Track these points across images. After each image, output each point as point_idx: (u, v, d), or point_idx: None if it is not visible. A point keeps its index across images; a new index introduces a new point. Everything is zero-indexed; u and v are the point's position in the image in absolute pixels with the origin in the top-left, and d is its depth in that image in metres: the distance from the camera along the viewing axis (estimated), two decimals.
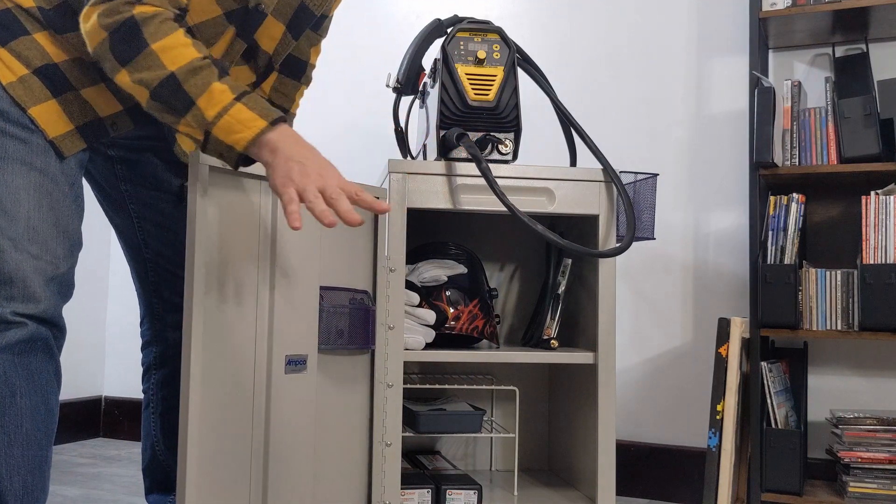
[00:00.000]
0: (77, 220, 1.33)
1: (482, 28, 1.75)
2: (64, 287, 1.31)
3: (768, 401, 1.96)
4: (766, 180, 2.05)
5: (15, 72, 1.27)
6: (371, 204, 1.19)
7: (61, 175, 1.30)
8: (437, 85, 1.74)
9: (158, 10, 1.20)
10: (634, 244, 2.35)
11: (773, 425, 1.95)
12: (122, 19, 1.18)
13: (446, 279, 1.78)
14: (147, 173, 1.53)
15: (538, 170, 1.74)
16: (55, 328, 1.30)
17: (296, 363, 1.41)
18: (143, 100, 1.20)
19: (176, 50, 1.18)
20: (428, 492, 1.71)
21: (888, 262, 1.89)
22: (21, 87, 1.27)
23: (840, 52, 2.16)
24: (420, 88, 1.91)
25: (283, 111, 1.68)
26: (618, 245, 1.66)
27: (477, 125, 1.73)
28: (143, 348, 1.64)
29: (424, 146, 1.87)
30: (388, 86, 1.90)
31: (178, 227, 1.56)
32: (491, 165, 1.71)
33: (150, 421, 1.63)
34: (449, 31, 1.77)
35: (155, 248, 1.55)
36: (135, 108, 1.38)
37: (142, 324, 1.64)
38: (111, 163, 1.52)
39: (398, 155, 2.65)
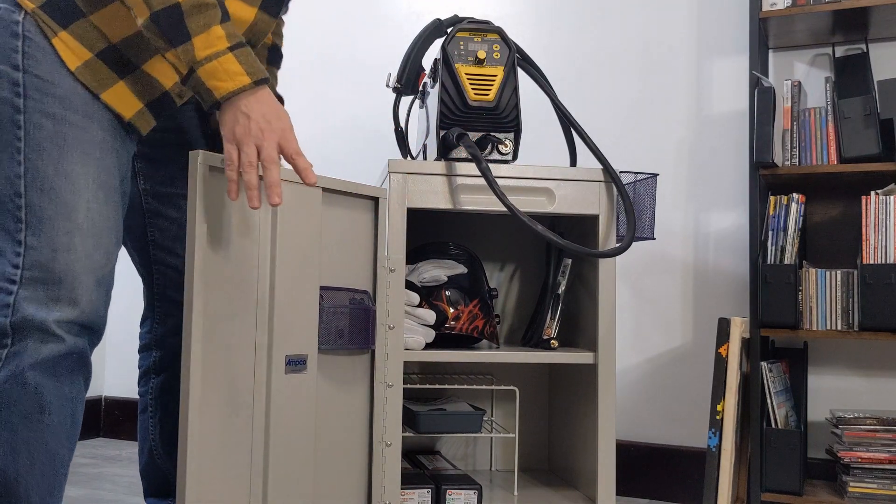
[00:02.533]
0: (121, 214, 1.31)
1: (482, 28, 1.75)
2: (109, 286, 1.29)
3: (768, 401, 1.96)
4: (766, 180, 2.05)
5: (80, 56, 1.25)
6: (301, 172, 1.25)
7: (115, 168, 1.28)
8: (437, 85, 1.74)
9: None
10: (634, 244, 2.35)
11: (773, 425, 1.95)
12: None
13: (446, 279, 1.78)
14: (166, 170, 1.52)
15: (538, 170, 1.74)
16: (93, 334, 1.27)
17: (296, 363, 1.41)
18: (140, 17, 1.19)
19: None
20: (428, 492, 1.71)
21: (888, 262, 1.89)
22: (89, 73, 1.25)
23: (840, 52, 2.16)
24: (420, 88, 1.91)
25: (279, 48, 1.66)
26: (618, 245, 1.66)
27: (477, 125, 1.73)
28: (140, 351, 1.61)
29: (424, 146, 1.87)
30: (388, 86, 1.90)
31: None
32: (491, 165, 1.71)
33: (147, 425, 1.61)
34: (449, 31, 1.77)
35: (165, 246, 1.53)
36: None
37: (142, 325, 1.61)
38: (132, 160, 1.50)
39: (398, 155, 2.65)
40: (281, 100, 1.64)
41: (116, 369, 3.02)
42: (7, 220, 1.20)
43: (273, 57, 1.64)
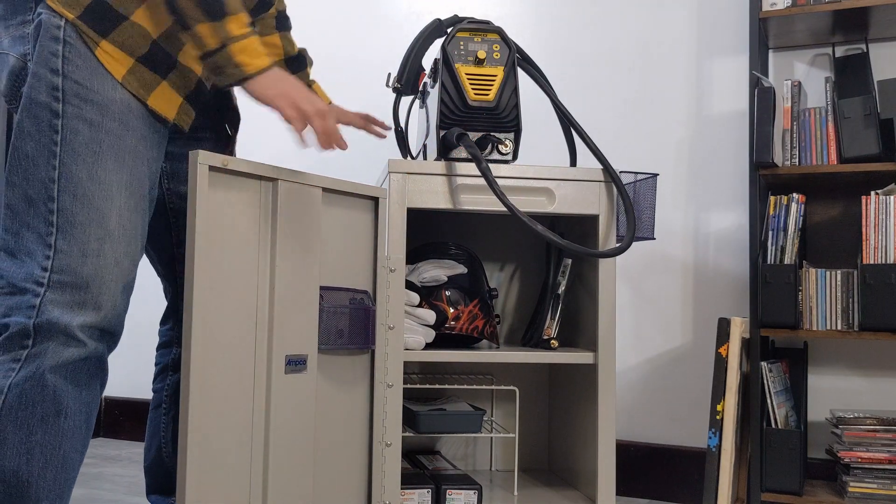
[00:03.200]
0: (146, 221, 1.34)
1: (482, 28, 1.75)
2: (131, 290, 1.31)
3: (768, 401, 1.96)
4: (766, 180, 2.05)
5: (124, 64, 1.28)
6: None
7: (146, 177, 1.31)
8: (437, 85, 1.74)
9: None
10: (634, 244, 2.35)
11: (773, 425, 1.95)
12: None
13: (446, 279, 1.78)
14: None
15: (538, 170, 1.74)
16: (112, 338, 1.29)
17: (296, 363, 1.41)
18: None
19: None
20: (428, 492, 1.71)
21: (888, 262, 1.89)
22: (134, 79, 1.29)
23: (840, 52, 2.16)
24: (420, 88, 1.91)
25: (285, 13, 1.71)
26: (618, 245, 1.66)
27: (477, 125, 1.73)
28: (159, 348, 1.63)
29: (424, 146, 1.87)
30: (388, 86, 1.90)
31: None
32: (491, 165, 1.71)
33: (159, 421, 1.61)
34: (449, 31, 1.77)
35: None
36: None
37: (163, 323, 1.62)
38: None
39: (398, 155, 2.65)
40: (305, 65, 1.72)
41: (117, 369, 3.02)
42: (39, 223, 1.21)
43: (281, 23, 1.68)
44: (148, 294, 2.93)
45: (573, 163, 1.94)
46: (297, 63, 1.71)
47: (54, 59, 1.23)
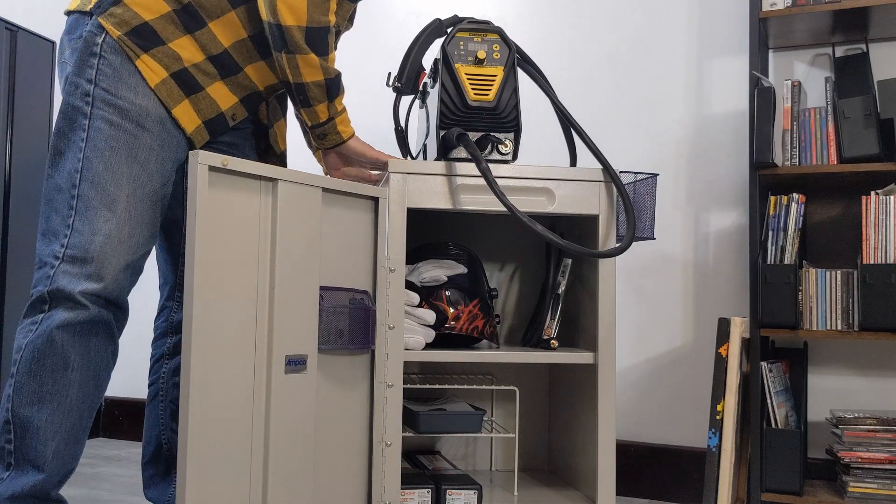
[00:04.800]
0: (161, 215, 1.51)
1: (482, 28, 1.75)
2: (137, 272, 1.47)
3: (768, 401, 1.96)
4: (766, 180, 2.05)
5: (158, 74, 1.47)
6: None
7: (157, 173, 1.47)
8: (437, 85, 1.74)
9: (333, 22, 1.54)
10: (634, 244, 2.35)
11: (773, 425, 1.95)
12: (325, 22, 1.51)
13: (446, 279, 1.78)
14: None
15: (538, 170, 1.74)
16: (119, 310, 1.46)
17: (296, 363, 1.41)
18: (316, 77, 1.53)
19: (334, 60, 1.59)
20: (428, 492, 1.71)
21: (888, 262, 1.89)
22: (165, 89, 1.47)
23: (840, 52, 2.16)
24: (420, 88, 1.91)
25: None
26: (618, 245, 1.66)
27: (477, 125, 1.73)
28: (155, 341, 1.72)
29: (424, 146, 1.87)
30: (388, 85, 1.90)
31: None
32: (491, 165, 1.71)
33: (158, 410, 1.69)
34: (449, 31, 1.77)
35: None
36: (246, 98, 1.60)
37: (158, 318, 1.73)
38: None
39: (398, 155, 2.65)
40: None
41: (117, 369, 3.02)
42: (63, 208, 1.41)
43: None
44: (147, 296, 2.93)
45: (573, 163, 1.94)
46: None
47: (90, 70, 1.44)
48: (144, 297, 2.93)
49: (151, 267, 2.83)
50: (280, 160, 1.77)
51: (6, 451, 1.37)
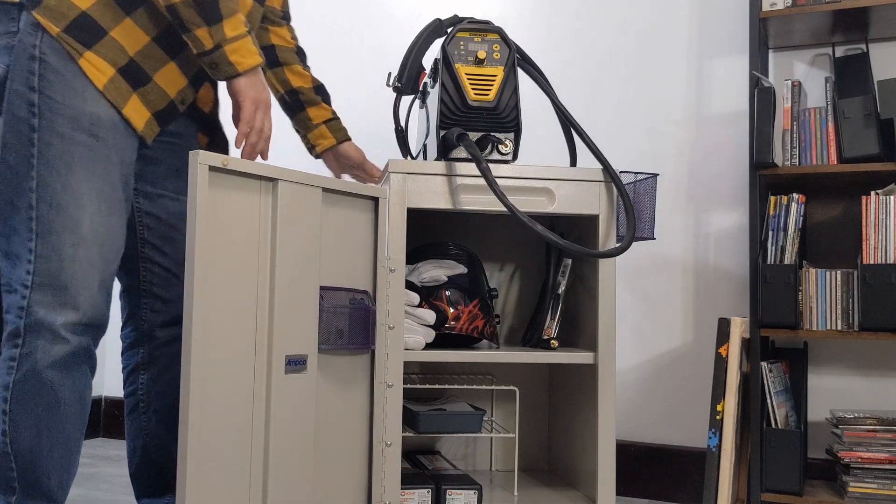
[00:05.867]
0: (124, 222, 1.45)
1: (482, 28, 1.75)
2: (111, 285, 1.43)
3: (768, 401, 1.96)
4: (766, 180, 2.05)
5: (105, 72, 1.39)
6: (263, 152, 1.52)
7: (119, 181, 1.42)
8: (438, 85, 1.74)
9: None
10: (634, 244, 2.35)
11: (773, 425, 1.95)
12: None
13: (446, 279, 1.78)
14: (157, 170, 1.58)
15: (538, 170, 1.74)
16: (96, 329, 1.41)
17: (296, 363, 1.41)
18: None
19: None
20: (428, 492, 1.71)
21: (888, 262, 1.89)
22: (114, 88, 1.40)
23: (840, 52, 2.16)
24: (420, 88, 1.91)
25: (302, 48, 1.96)
26: (618, 245, 1.66)
27: (477, 125, 1.73)
28: (125, 351, 1.66)
29: (424, 146, 1.87)
30: (388, 85, 1.90)
31: (178, 223, 1.61)
32: (491, 165, 1.71)
33: (140, 422, 1.64)
34: (449, 31, 1.77)
35: (154, 244, 1.59)
36: (195, 77, 1.52)
37: (124, 327, 1.66)
38: None
39: (398, 155, 2.65)
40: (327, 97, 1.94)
41: (116, 370, 3.02)
42: (22, 229, 1.35)
43: (302, 56, 1.93)
44: None
45: (573, 163, 1.94)
46: (325, 91, 1.93)
47: (31, 76, 1.34)
48: None
49: None
50: (212, 123, 1.67)
51: (9, 478, 1.36)
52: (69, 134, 1.35)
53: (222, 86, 2.06)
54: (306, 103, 1.90)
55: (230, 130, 2.84)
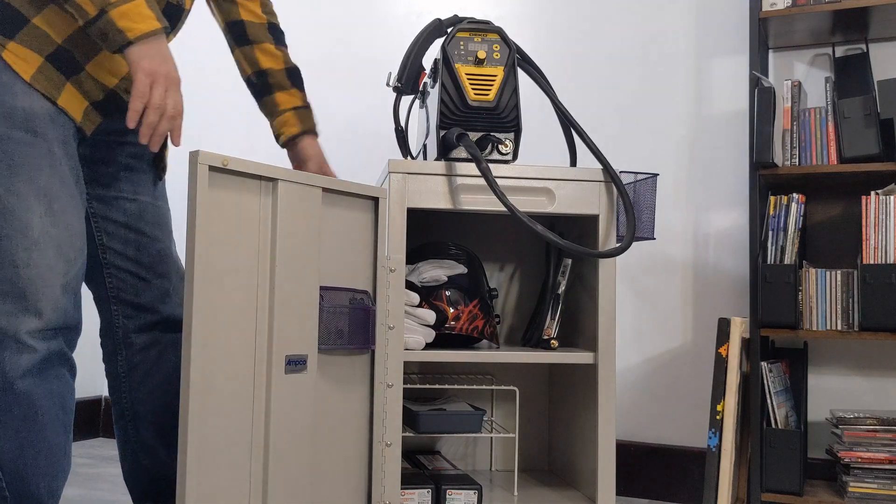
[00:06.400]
0: (81, 217, 1.36)
1: (482, 28, 1.75)
2: (78, 285, 1.35)
3: (768, 401, 1.96)
4: (766, 180, 2.05)
5: (32, 63, 1.29)
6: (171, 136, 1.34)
7: (69, 175, 1.33)
8: (437, 85, 1.74)
9: None
10: (634, 244, 2.35)
11: (773, 425, 1.95)
12: None
13: (446, 279, 1.78)
14: (107, 171, 1.51)
15: (538, 170, 1.74)
16: (67, 331, 1.34)
17: (296, 363, 1.41)
18: None
19: None
20: (428, 492, 1.71)
21: (888, 262, 1.89)
22: (43, 78, 1.30)
23: (840, 52, 2.16)
24: (420, 88, 1.91)
25: (278, 25, 1.74)
26: (618, 245, 1.66)
27: (477, 125, 1.73)
28: (105, 361, 1.59)
29: (424, 146, 1.87)
30: (388, 85, 1.90)
31: (140, 225, 1.53)
32: (491, 165, 1.71)
33: (126, 431, 1.59)
34: (449, 31, 1.77)
35: (115, 249, 1.52)
36: None
37: (102, 336, 1.59)
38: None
39: (398, 155, 2.65)
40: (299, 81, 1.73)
41: None
42: None
43: (277, 37, 1.72)
44: None
45: (573, 163, 1.94)
46: (297, 76, 1.73)
47: None
48: None
49: None
50: None
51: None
52: (4, 133, 1.26)
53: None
54: (274, 87, 1.70)
55: (226, 131, 2.84)
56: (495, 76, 1.73)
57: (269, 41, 1.71)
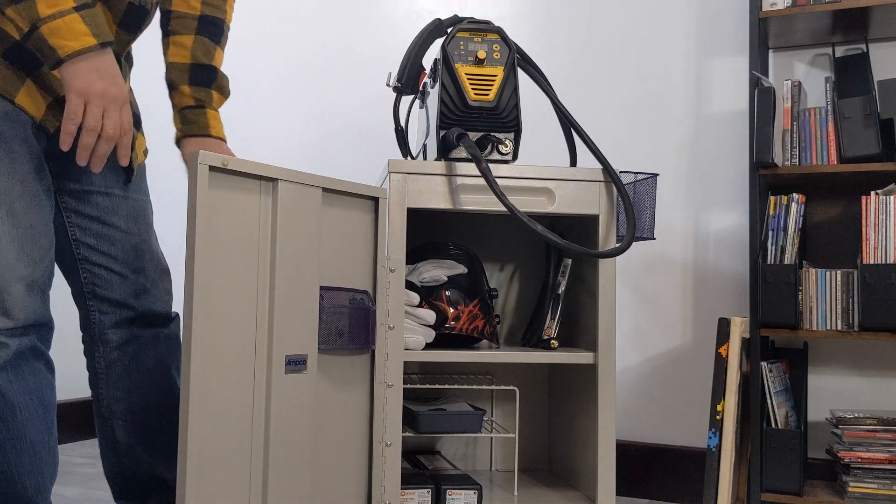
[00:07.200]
0: (47, 215, 1.34)
1: (482, 28, 1.75)
2: (45, 283, 1.33)
3: (768, 401, 1.96)
4: (766, 180, 2.05)
5: None
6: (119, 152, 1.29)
7: (31, 174, 1.31)
8: (437, 85, 1.74)
9: None
10: (634, 244, 2.35)
11: (773, 425, 1.95)
12: None
13: (446, 279, 1.78)
14: (79, 167, 1.48)
15: (538, 170, 1.74)
16: (39, 328, 1.33)
17: (296, 363, 1.41)
18: None
19: None
20: (428, 492, 1.71)
21: (888, 262, 1.89)
22: (0, 78, 1.28)
23: (840, 52, 2.16)
24: (420, 88, 1.91)
25: (217, 21, 1.61)
26: (618, 245, 1.66)
27: (477, 125, 1.73)
28: (85, 357, 1.57)
29: (424, 146, 1.87)
30: (388, 85, 1.90)
31: (113, 219, 1.51)
32: (491, 165, 1.71)
33: (105, 431, 1.56)
34: (449, 31, 1.77)
35: (89, 244, 1.50)
36: None
37: (82, 332, 1.58)
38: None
39: (398, 155, 2.65)
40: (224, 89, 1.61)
41: None
42: None
43: (205, 28, 1.58)
44: None
45: (573, 163, 1.94)
46: (204, 75, 1.57)
47: None
48: None
49: None
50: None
51: None
52: None
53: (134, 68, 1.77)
54: (172, 82, 1.57)
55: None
56: (495, 76, 1.73)
57: (187, 33, 1.56)
